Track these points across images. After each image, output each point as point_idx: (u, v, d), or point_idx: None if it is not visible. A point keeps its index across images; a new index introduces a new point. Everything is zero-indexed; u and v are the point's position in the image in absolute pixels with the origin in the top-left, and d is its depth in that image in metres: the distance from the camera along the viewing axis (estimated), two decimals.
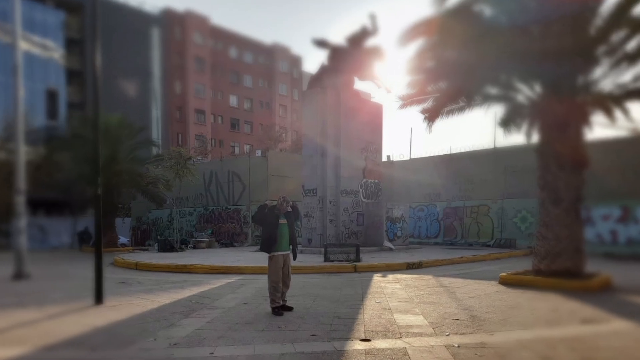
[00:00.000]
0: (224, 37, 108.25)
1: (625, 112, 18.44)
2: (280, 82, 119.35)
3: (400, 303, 14.62)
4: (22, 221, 23.42)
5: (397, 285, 18.71)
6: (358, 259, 25.93)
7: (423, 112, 21.15)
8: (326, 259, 26.24)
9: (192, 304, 15.01)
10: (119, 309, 14.16)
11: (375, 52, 36.86)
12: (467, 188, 42.68)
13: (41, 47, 73.95)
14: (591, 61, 17.45)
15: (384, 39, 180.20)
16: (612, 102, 17.85)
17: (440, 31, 18.73)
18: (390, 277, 21.55)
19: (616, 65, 17.31)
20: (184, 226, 55.81)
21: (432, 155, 46.33)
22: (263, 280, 14.93)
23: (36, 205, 63.44)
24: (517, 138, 20.10)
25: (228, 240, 49.48)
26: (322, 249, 27.73)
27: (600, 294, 16.15)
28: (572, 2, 16.20)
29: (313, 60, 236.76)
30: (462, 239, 42.30)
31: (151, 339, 10.53)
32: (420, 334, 10.72)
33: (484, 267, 25.65)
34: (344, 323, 11.88)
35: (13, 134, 25.65)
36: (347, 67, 36.18)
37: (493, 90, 19.84)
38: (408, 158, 48.31)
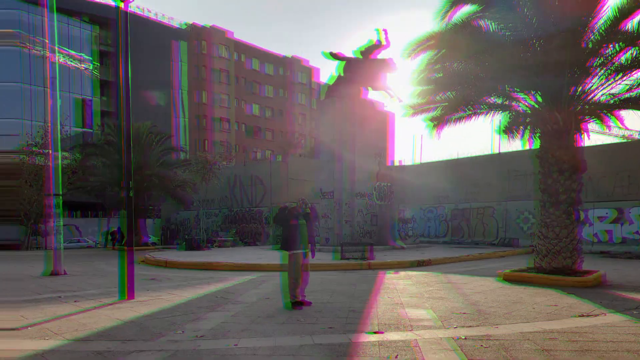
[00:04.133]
0: (245, 50, 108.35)
1: (620, 120, 18.48)
2: (298, 92, 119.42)
3: (411, 298, 14.65)
4: (61, 222, 23.52)
5: (407, 282, 18.75)
6: (372, 257, 25.95)
7: (431, 120, 21.18)
8: (342, 257, 26.29)
9: (217, 298, 15.06)
10: (149, 303, 14.21)
11: (387, 63, 36.96)
12: (472, 191, 42.71)
13: (75, 60, 74.30)
14: (587, 72, 17.46)
15: (395, 51, 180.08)
16: (606, 110, 17.88)
17: (446, 44, 18.77)
18: (402, 273, 21.63)
19: (610, 76, 17.33)
20: (209, 226, 56.07)
21: (439, 160, 46.53)
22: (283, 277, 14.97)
23: (72, 207, 63.68)
24: (518, 144, 20.04)
25: (250, 239, 49.68)
26: (339, 248, 27.78)
27: (596, 289, 16.15)
28: (569, 18, 16.21)
29: (329, 72, 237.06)
30: (469, 238, 42.36)
31: (179, 331, 10.57)
32: (430, 327, 10.74)
33: (488, 265, 25.64)
34: (358, 317, 11.91)
35: (50, 140, 25.75)
36: (360, 79, 36.28)
37: (496, 100, 19.85)
38: (417, 163, 48.42)
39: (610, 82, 17.50)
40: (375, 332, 10.25)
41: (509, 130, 19.08)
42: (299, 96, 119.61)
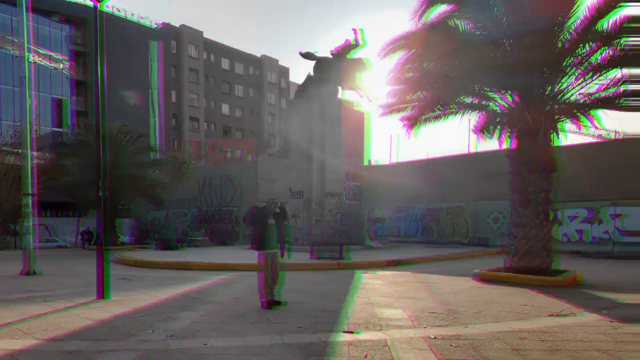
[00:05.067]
0: (216, 50, 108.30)
1: (592, 119, 18.58)
2: (269, 92, 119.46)
3: (382, 298, 14.68)
4: (31, 222, 23.40)
5: (378, 281, 18.78)
6: (342, 257, 25.95)
7: (404, 119, 21.21)
8: (312, 257, 26.25)
9: (188, 298, 15.06)
10: (121, 303, 14.19)
11: (359, 63, 37.00)
12: (445, 191, 42.76)
13: (49, 59, 74.01)
14: (560, 72, 17.54)
15: (368, 51, 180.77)
16: (579, 110, 17.95)
17: (418, 44, 18.81)
18: (372, 273, 21.63)
19: (582, 75, 17.41)
20: (180, 226, 55.94)
21: (413, 160, 46.66)
22: (254, 277, 14.95)
23: (44, 206, 63.27)
24: (490, 144, 20.17)
25: (221, 239, 49.60)
26: (309, 247, 27.76)
27: (568, 289, 16.23)
28: (541, 17, 16.28)
29: (300, 71, 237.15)
30: (439, 238, 42.46)
31: (150, 330, 10.56)
32: (400, 327, 10.75)
33: (460, 264, 25.74)
34: (329, 316, 11.91)
35: (23, 140, 25.64)
36: (332, 78, 36.28)
37: (468, 99, 19.91)
38: (390, 163, 48.50)
39: (581, 81, 17.60)
40: (345, 332, 10.26)
41: (482, 130, 19.16)
42: (270, 96, 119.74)
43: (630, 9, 16.19)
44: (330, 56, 37.25)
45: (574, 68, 17.45)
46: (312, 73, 37.44)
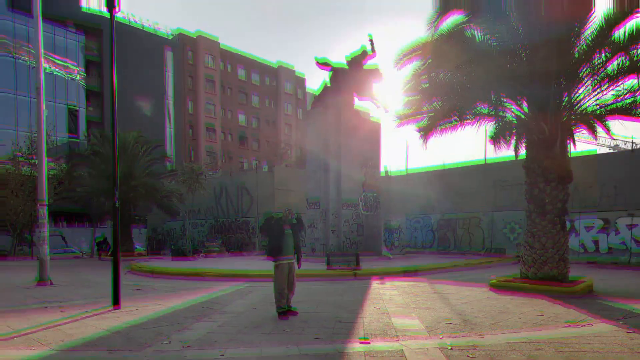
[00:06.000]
0: (232, 59, 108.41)
1: (607, 129, 18.53)
2: (285, 102, 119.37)
3: (398, 308, 14.64)
4: (48, 232, 23.44)
5: (394, 291, 18.71)
6: (358, 267, 25.90)
7: (418, 129, 21.18)
8: (329, 267, 26.23)
9: (204, 308, 15.04)
10: (136, 312, 14.21)
11: (374, 73, 36.96)
12: (459, 201, 42.65)
13: (64, 68, 74.18)
14: (575, 81, 17.52)
15: (383, 60, 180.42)
16: (596, 119, 17.91)
17: (432, 54, 18.82)
18: (388, 283, 21.57)
19: (598, 84, 17.39)
20: (196, 236, 55.89)
21: (426, 170, 46.53)
22: (270, 286, 14.93)
23: (59, 216, 63.40)
24: (506, 153, 20.07)
25: (237, 249, 49.54)
26: (325, 257, 27.69)
27: (584, 298, 16.17)
28: (558, 26, 16.27)
29: (316, 81, 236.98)
30: (455, 249, 42.32)
31: (165, 341, 10.57)
32: (416, 337, 10.74)
33: (475, 274, 25.60)
34: (345, 326, 11.90)
35: (37, 149, 25.73)
36: (347, 88, 36.26)
37: (485, 109, 19.87)
38: (405, 172, 48.42)
39: (597, 91, 17.58)
40: (361, 342, 10.26)
41: (496, 139, 19.13)
42: (286, 105, 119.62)
43: None
44: (346, 65, 37.26)
45: (591, 77, 17.44)
46: (328, 82, 37.45)
